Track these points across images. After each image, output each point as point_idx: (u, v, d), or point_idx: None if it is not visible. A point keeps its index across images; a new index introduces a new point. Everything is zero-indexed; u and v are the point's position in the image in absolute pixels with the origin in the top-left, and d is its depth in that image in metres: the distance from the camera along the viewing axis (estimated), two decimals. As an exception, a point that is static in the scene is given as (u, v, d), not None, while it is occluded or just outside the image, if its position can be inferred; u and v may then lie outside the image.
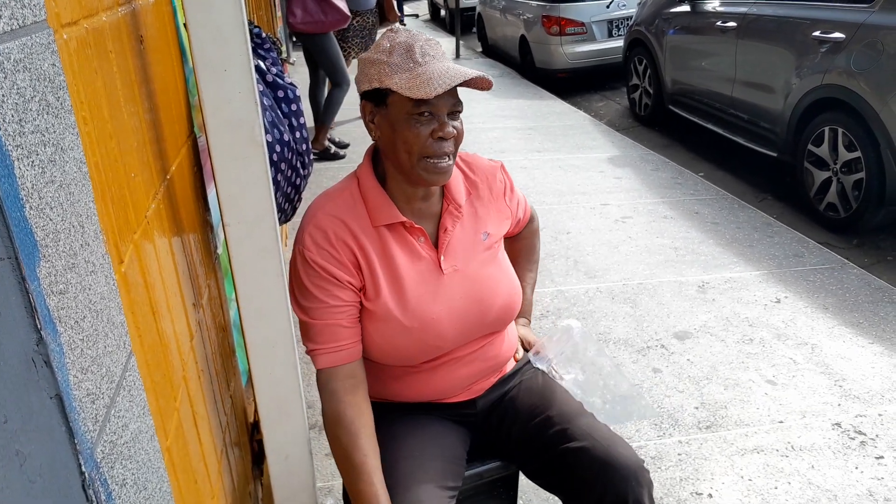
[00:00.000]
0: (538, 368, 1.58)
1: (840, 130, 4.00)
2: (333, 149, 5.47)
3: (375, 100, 1.29)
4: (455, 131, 1.27)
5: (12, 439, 0.50)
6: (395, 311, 1.32)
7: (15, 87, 0.56)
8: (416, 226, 1.35)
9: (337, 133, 5.92)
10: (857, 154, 3.88)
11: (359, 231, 1.32)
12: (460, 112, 1.30)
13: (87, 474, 0.61)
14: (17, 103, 0.56)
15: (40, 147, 0.60)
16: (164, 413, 0.94)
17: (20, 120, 0.57)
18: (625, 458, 1.34)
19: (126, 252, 0.86)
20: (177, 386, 1.04)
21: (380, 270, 1.32)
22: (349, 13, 5.09)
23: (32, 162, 0.58)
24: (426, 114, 1.24)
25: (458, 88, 1.26)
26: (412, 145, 1.24)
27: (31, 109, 0.59)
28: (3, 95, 0.54)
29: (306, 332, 1.31)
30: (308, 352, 1.32)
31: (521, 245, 1.71)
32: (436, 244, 1.38)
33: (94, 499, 0.62)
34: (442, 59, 1.27)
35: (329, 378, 1.30)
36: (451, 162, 1.29)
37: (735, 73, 5.00)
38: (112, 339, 0.71)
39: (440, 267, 1.37)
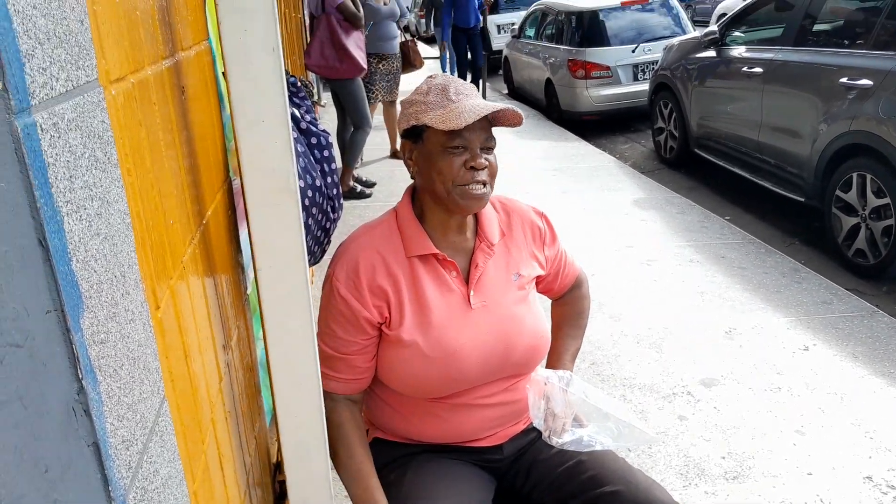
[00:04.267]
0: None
1: (868, 176, 3.97)
2: (359, 188, 5.55)
3: (413, 137, 1.38)
4: (488, 163, 1.34)
5: (51, 489, 0.51)
6: (418, 339, 1.36)
7: (67, 145, 0.59)
8: (449, 259, 1.40)
9: (364, 172, 6.01)
10: (887, 200, 3.85)
11: (392, 261, 1.38)
12: (493, 147, 1.38)
13: (119, 521, 0.62)
14: (68, 161, 0.59)
15: (88, 201, 0.63)
16: (193, 456, 0.95)
17: (70, 177, 0.59)
18: (662, 501, 1.32)
19: (163, 298, 0.88)
20: (205, 429, 1.05)
21: (407, 299, 1.37)
22: (365, 66, 5.18)
23: (80, 216, 0.60)
24: (459, 147, 1.32)
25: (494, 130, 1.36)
26: (446, 175, 1.32)
27: (81, 166, 0.62)
28: (56, 154, 0.57)
29: (320, 353, 1.35)
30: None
31: (566, 310, 1.69)
32: (466, 279, 1.41)
33: (124, 545, 0.63)
34: (475, 97, 1.36)
35: (329, 398, 1.39)
36: (486, 190, 1.35)
37: (761, 117, 5.00)
38: (147, 386, 0.73)
39: (469, 301, 1.40)
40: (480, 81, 9.53)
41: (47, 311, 0.53)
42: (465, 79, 8.22)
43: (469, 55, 9.60)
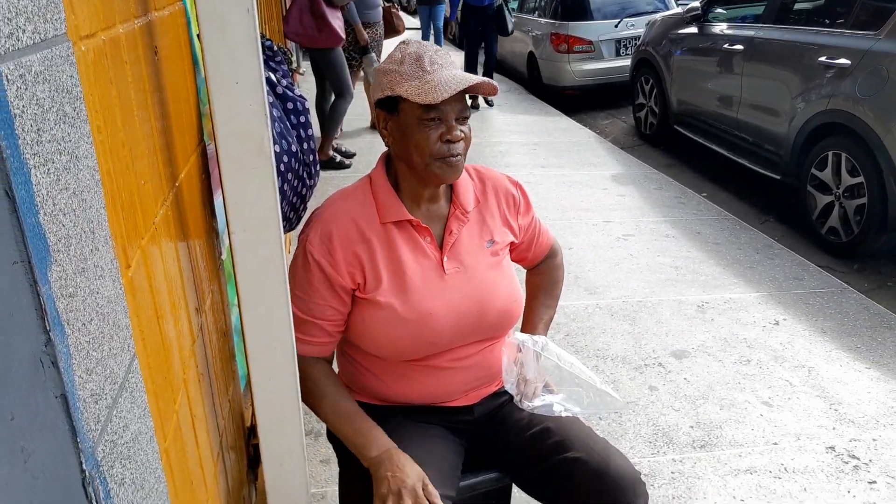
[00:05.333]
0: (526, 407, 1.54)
1: (843, 155, 4.03)
2: (339, 158, 5.52)
3: (388, 108, 1.37)
4: (463, 135, 1.34)
5: (18, 436, 0.52)
6: (394, 302, 1.38)
7: (35, 98, 0.59)
8: (423, 225, 1.41)
9: (344, 142, 5.97)
10: (860, 179, 3.91)
11: (366, 227, 1.39)
12: (468, 118, 1.37)
13: (87, 472, 0.63)
14: (35, 114, 0.59)
15: (56, 155, 0.62)
16: (164, 415, 0.96)
17: (38, 129, 0.59)
18: (622, 469, 1.36)
19: (133, 257, 0.88)
20: (177, 389, 1.06)
21: (382, 264, 1.39)
22: (343, 36, 5.11)
23: (48, 170, 0.60)
24: (435, 119, 1.31)
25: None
26: (423, 148, 1.32)
27: (48, 119, 0.62)
28: (23, 106, 0.56)
29: (294, 319, 1.36)
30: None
31: (540, 280, 1.71)
32: (441, 245, 1.43)
33: (93, 496, 0.64)
34: (450, 66, 1.35)
35: (304, 361, 1.40)
36: (461, 159, 1.36)
37: (741, 95, 5.03)
38: (117, 342, 0.73)
39: (443, 267, 1.42)
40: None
41: (14, 262, 0.54)
42: (474, 70, 7.70)
43: (482, 42, 7.91)
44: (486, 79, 1.33)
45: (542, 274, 1.70)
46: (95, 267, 0.69)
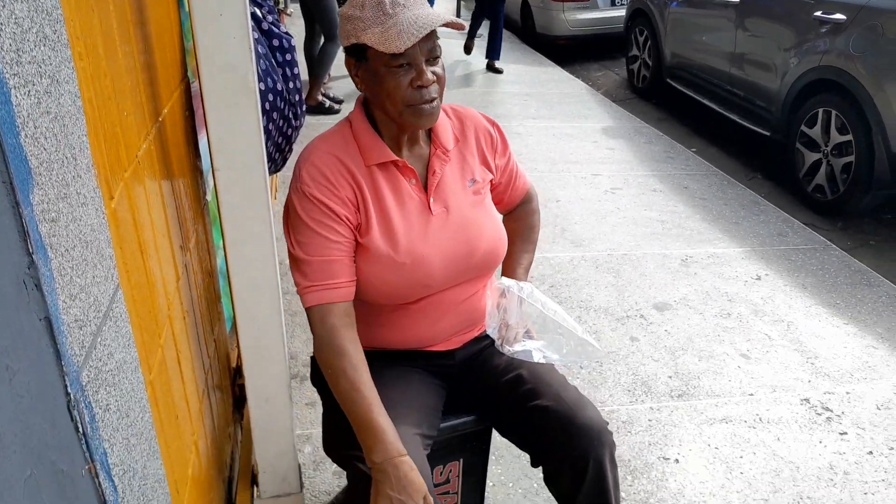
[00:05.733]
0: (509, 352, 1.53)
1: (834, 113, 4.02)
2: (328, 103, 5.44)
3: (356, 55, 1.32)
4: (435, 77, 1.30)
5: (2, 354, 0.52)
6: (387, 248, 1.36)
7: (13, 16, 0.58)
8: (409, 166, 1.39)
9: (332, 89, 5.88)
10: (849, 137, 3.91)
11: (353, 168, 1.36)
12: (439, 57, 1.32)
13: (72, 396, 0.64)
14: (14, 33, 0.58)
15: (36, 78, 0.62)
16: (149, 348, 0.97)
17: (17, 49, 0.58)
18: (588, 418, 1.38)
19: (116, 189, 0.88)
20: (162, 324, 1.07)
21: (372, 208, 1.36)
22: None
23: (28, 91, 0.60)
24: (404, 65, 1.27)
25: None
26: (395, 96, 1.28)
27: (28, 40, 0.60)
28: (1, 24, 0.55)
29: (302, 270, 1.32)
30: (301, 289, 1.32)
31: (517, 225, 1.69)
32: (425, 186, 1.42)
33: (78, 420, 0.65)
34: (413, 5, 1.27)
35: (326, 314, 1.31)
36: (436, 105, 1.32)
37: (735, 49, 4.98)
38: (100, 271, 0.73)
39: (429, 208, 1.41)
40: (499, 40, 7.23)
41: (-5, 183, 0.53)
42: (474, 30, 7.31)
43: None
44: (451, 18, 1.27)
45: (519, 219, 1.69)
46: (78, 194, 0.69)
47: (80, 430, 0.66)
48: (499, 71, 7.16)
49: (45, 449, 0.59)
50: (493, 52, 7.19)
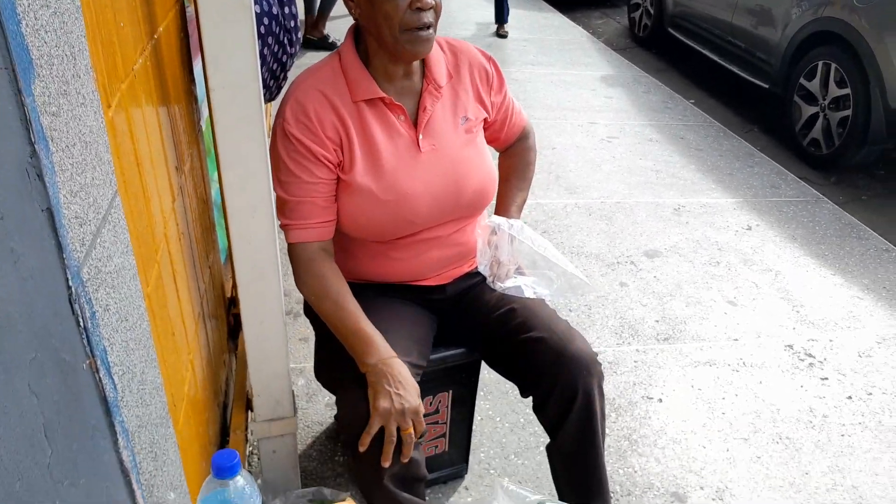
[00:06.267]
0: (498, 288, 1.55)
1: (833, 66, 4.00)
2: (332, 38, 5.38)
3: None
4: (433, 2, 1.29)
5: (7, 237, 0.53)
6: (371, 184, 1.36)
7: None
8: (396, 103, 1.37)
9: (331, 30, 5.78)
10: (847, 91, 3.90)
11: (339, 104, 1.35)
12: None
13: (73, 289, 0.66)
14: (11, -79, 0.57)
15: (34, -31, 0.61)
16: (146, 262, 0.98)
17: (15, -63, 0.58)
18: (578, 350, 1.41)
19: (114, 99, 0.88)
20: (158, 241, 1.08)
21: (357, 144, 1.36)
22: None
23: (27, -20, 0.59)
24: None
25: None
26: (392, 18, 1.26)
27: (25, -70, 0.60)
28: None
29: (281, 207, 1.36)
30: (282, 226, 1.37)
31: (512, 161, 1.68)
32: (415, 123, 1.41)
33: (79, 314, 0.67)
34: None
35: (303, 250, 1.37)
36: (431, 32, 1.31)
37: (737, -1, 4.92)
38: (99, 174, 0.74)
39: (418, 145, 1.40)
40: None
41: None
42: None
43: None
44: None
45: (515, 156, 1.68)
46: (77, 93, 0.69)
47: (81, 324, 0.67)
48: (503, 36, 6.31)
49: (48, 336, 0.61)
50: (500, 14, 6.31)
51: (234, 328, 1.95)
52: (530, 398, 1.51)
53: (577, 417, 1.42)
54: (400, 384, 1.27)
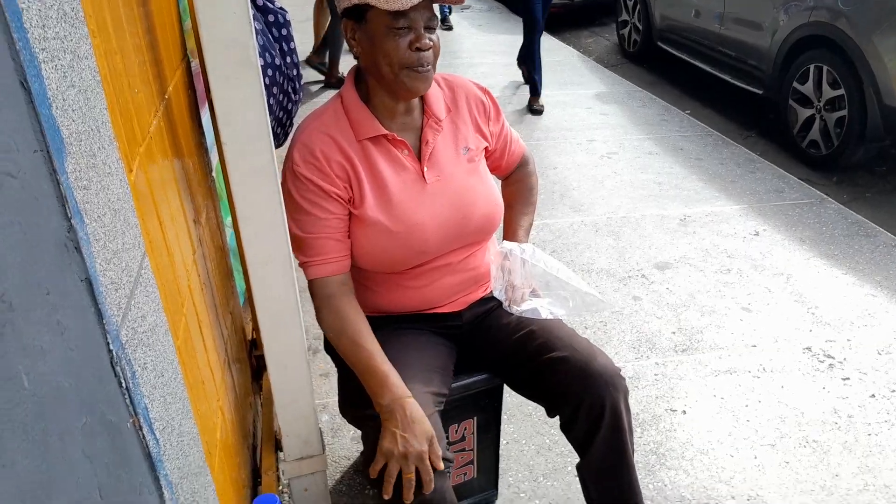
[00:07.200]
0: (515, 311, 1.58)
1: (825, 68, 4.04)
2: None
3: (355, 17, 1.35)
4: (432, 43, 1.34)
5: (54, 311, 0.56)
6: (382, 217, 1.40)
7: (37, -7, 0.61)
8: (399, 138, 1.42)
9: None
10: (841, 92, 3.93)
11: (345, 144, 1.40)
12: (436, 27, 1.37)
13: (114, 353, 0.68)
14: (39, 9, 0.61)
15: (61, 53, 0.64)
16: (174, 316, 1.01)
17: (43, 26, 0.61)
18: (603, 366, 1.43)
19: (134, 162, 0.91)
20: (184, 294, 1.10)
21: (366, 180, 1.40)
22: None
23: (55, 66, 0.63)
24: (404, 28, 1.30)
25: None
26: (392, 57, 1.31)
27: (51, 17, 0.63)
28: (28, 2, 0.58)
29: (298, 246, 1.40)
30: (300, 264, 1.42)
31: (515, 188, 1.73)
32: (419, 156, 1.45)
33: (121, 375, 0.69)
34: None
35: (322, 285, 1.41)
36: (430, 70, 1.36)
37: (724, 9, 4.98)
38: (129, 238, 0.77)
39: (423, 177, 1.44)
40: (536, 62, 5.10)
41: (34, 151, 0.57)
42: (533, 41, 4.97)
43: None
44: None
45: (517, 182, 1.73)
46: (104, 164, 0.72)
47: (123, 384, 0.69)
48: (538, 111, 5.06)
49: (95, 401, 0.63)
50: (534, 86, 5.15)
51: (257, 370, 1.97)
52: (556, 418, 1.52)
53: (605, 434, 1.43)
54: (408, 427, 1.28)
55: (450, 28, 7.78)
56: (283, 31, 1.73)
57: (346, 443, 2.11)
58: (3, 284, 0.47)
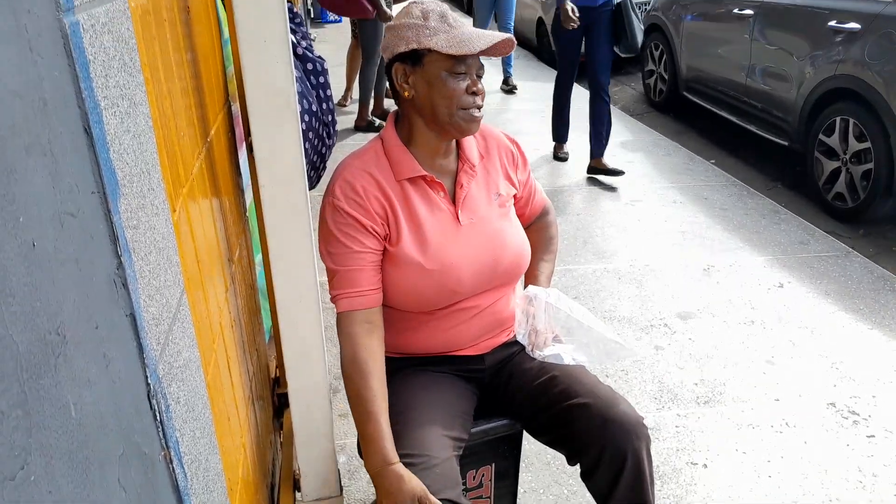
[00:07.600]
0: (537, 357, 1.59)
1: (851, 121, 4.05)
2: (378, 122, 5.64)
3: (411, 61, 1.42)
4: (483, 89, 1.43)
5: (101, 343, 0.59)
6: (418, 256, 1.44)
7: (102, 46, 0.65)
8: (437, 180, 1.48)
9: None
10: (867, 145, 3.93)
11: (384, 182, 1.45)
12: (482, 75, 1.46)
13: (151, 386, 0.71)
14: (103, 60, 0.65)
15: (119, 100, 0.69)
16: (206, 352, 1.04)
17: (106, 75, 0.66)
18: (624, 413, 1.43)
19: (177, 203, 0.95)
20: (215, 331, 1.13)
21: (403, 218, 1.45)
22: (371, 11, 4.91)
23: (115, 112, 0.67)
24: (462, 73, 1.40)
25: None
26: (451, 99, 1.40)
27: (113, 67, 0.68)
28: (94, 53, 0.63)
29: (331, 279, 1.43)
30: (332, 298, 1.44)
31: (538, 237, 1.77)
32: (453, 199, 1.51)
33: (156, 408, 0.72)
34: (469, 25, 1.44)
35: (348, 322, 1.42)
36: (481, 114, 1.45)
37: (750, 61, 5.03)
38: (170, 276, 0.80)
39: (458, 219, 1.49)
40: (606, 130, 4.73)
41: (92, 192, 0.60)
42: (566, 99, 4.97)
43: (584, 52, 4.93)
44: (508, 35, 1.40)
45: (539, 231, 1.78)
46: (152, 205, 0.76)
47: (158, 418, 0.72)
48: (613, 172, 4.64)
49: (132, 432, 0.66)
50: (598, 145, 4.73)
51: (278, 408, 1.99)
52: (575, 468, 1.51)
53: (627, 483, 1.42)
54: (396, 486, 1.29)
55: (512, 90, 7.03)
56: (321, 79, 1.79)
57: (363, 485, 2.11)
58: (59, 318, 0.50)
